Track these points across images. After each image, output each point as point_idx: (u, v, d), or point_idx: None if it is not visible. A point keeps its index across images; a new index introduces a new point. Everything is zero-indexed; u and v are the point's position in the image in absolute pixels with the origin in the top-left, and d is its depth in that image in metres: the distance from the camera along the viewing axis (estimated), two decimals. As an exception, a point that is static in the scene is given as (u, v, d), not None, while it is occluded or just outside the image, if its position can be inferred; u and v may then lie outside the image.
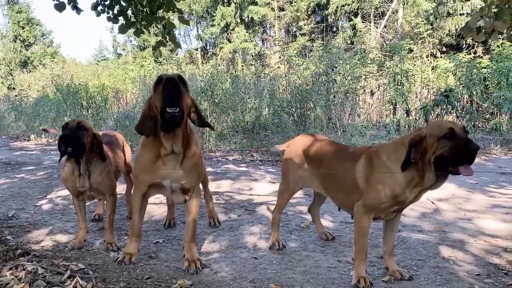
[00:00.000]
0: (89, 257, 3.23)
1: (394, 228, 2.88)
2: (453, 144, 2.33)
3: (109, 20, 5.09)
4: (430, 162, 2.40)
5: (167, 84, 2.66)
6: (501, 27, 4.09)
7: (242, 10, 26.15)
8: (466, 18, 19.79)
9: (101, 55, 39.51)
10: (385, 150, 2.64)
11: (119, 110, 14.04)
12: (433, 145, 2.38)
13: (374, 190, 2.59)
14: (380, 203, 2.59)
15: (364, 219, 2.68)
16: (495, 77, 11.60)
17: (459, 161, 2.33)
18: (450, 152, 2.33)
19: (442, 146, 2.35)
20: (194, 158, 3.00)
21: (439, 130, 2.38)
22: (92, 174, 3.33)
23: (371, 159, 2.66)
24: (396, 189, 2.52)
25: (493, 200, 4.85)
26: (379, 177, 2.57)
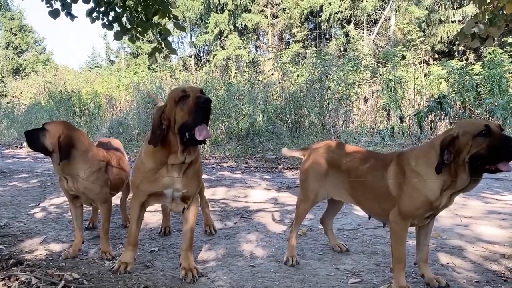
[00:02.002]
0: (84, 266, 3.17)
1: (428, 234, 2.82)
2: (491, 141, 2.25)
3: (104, 27, 5.06)
4: (465, 163, 2.32)
5: (203, 104, 2.59)
6: (495, 33, 4.13)
7: (235, 18, 26.24)
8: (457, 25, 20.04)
9: (94, 62, 39.37)
10: (415, 155, 2.58)
11: (113, 117, 13.99)
12: (468, 144, 2.29)
13: (408, 197, 2.53)
14: (415, 210, 2.53)
15: (400, 227, 2.61)
16: (487, 83, 11.71)
17: (498, 158, 2.24)
18: (488, 149, 2.24)
19: (479, 144, 2.27)
20: (196, 166, 2.96)
21: (474, 128, 2.30)
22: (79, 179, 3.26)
23: (402, 165, 2.60)
24: (430, 195, 2.46)
25: (489, 206, 4.85)
26: (412, 184, 2.51)
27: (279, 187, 6.25)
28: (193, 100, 2.61)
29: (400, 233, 2.62)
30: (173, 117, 2.68)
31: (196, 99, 2.60)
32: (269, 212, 4.81)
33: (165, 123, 2.72)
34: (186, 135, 2.65)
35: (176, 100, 2.65)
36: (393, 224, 2.64)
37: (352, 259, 3.29)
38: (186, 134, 2.64)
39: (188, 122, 2.61)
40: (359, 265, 3.16)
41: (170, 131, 2.73)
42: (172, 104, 2.68)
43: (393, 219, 2.63)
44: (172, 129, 2.71)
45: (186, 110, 2.62)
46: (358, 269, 3.08)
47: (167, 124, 2.72)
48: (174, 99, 2.66)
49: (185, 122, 2.63)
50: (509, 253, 3.33)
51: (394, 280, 2.65)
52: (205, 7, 26.57)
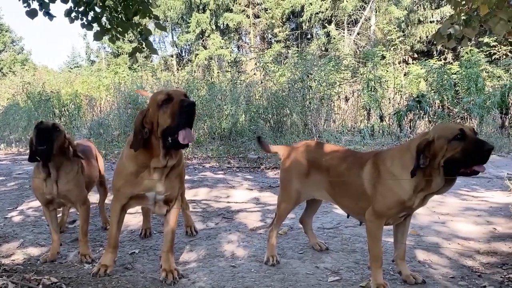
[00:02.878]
0: (62, 270, 3.14)
1: (405, 233, 2.87)
2: (466, 145, 2.30)
3: (83, 27, 5.01)
4: (439, 166, 2.37)
5: (187, 107, 2.57)
6: (471, 33, 4.22)
7: (217, 17, 26.20)
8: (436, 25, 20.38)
9: (74, 62, 38.81)
10: (390, 155, 2.62)
11: (93, 118, 13.82)
12: (443, 148, 2.34)
13: (381, 196, 2.58)
14: (388, 209, 2.58)
15: (375, 226, 2.66)
16: (464, 82, 11.96)
17: (473, 161, 2.30)
18: (462, 153, 2.30)
19: (454, 148, 2.32)
20: (178, 168, 2.94)
21: (448, 132, 2.35)
22: (60, 180, 3.23)
23: (377, 165, 2.64)
24: (402, 195, 2.51)
25: (465, 203, 4.96)
26: (386, 184, 2.55)
27: (261, 187, 6.27)
28: (177, 103, 2.58)
29: (375, 232, 2.68)
30: (156, 120, 2.66)
31: (180, 102, 2.58)
32: (251, 212, 4.83)
33: (148, 126, 2.70)
34: (169, 139, 2.63)
35: (159, 104, 2.63)
36: (368, 223, 2.69)
37: (331, 258, 3.33)
38: (169, 138, 2.63)
39: (171, 125, 2.59)
40: (338, 263, 3.20)
41: (152, 134, 2.71)
42: (155, 107, 2.66)
43: (368, 218, 2.68)
44: (155, 133, 2.69)
45: (170, 114, 2.59)
46: (338, 267, 3.13)
47: (149, 128, 2.70)
48: (157, 103, 2.64)
49: (168, 126, 2.61)
50: (484, 249, 3.42)
51: (372, 278, 2.70)
52: (187, 7, 26.46)
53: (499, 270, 2.98)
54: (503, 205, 4.76)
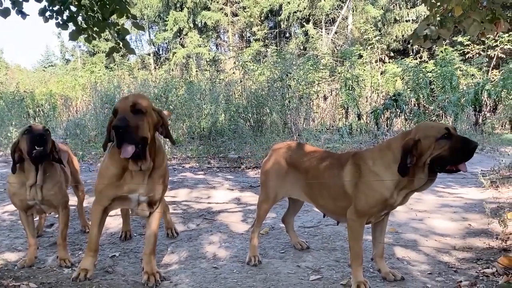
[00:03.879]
0: (41, 275, 3.08)
1: (383, 231, 2.93)
2: (453, 143, 2.38)
3: (58, 26, 4.90)
4: (425, 164, 2.43)
5: (115, 128, 2.58)
6: (446, 34, 4.32)
7: (195, 15, 26.02)
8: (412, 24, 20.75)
9: (48, 61, 37.90)
10: (371, 155, 2.67)
11: (69, 119, 13.56)
12: (431, 146, 2.40)
13: (363, 195, 2.61)
14: (370, 208, 2.62)
15: (357, 225, 2.70)
16: (439, 81, 12.23)
17: (459, 159, 2.39)
18: (450, 151, 2.37)
19: (441, 147, 2.38)
20: (161, 170, 2.94)
21: (436, 131, 2.42)
22: (45, 185, 3.17)
23: (358, 164, 2.68)
24: (385, 193, 2.56)
25: (441, 200, 5.09)
26: (368, 183, 2.59)
27: (242, 187, 6.28)
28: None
29: (357, 230, 2.72)
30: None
31: (115, 121, 2.62)
32: (232, 212, 4.83)
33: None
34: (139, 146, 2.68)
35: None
36: (350, 221, 2.73)
37: (312, 256, 3.37)
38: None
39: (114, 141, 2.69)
40: (319, 262, 3.24)
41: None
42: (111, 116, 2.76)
43: (350, 217, 2.71)
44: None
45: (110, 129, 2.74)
46: (319, 266, 3.16)
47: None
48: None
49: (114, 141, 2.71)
50: (459, 244, 3.51)
51: (353, 276, 2.74)
52: (164, 5, 26.18)
53: (474, 265, 3.06)
54: (478, 201, 4.89)
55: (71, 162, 4.04)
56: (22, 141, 3.05)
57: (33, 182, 3.10)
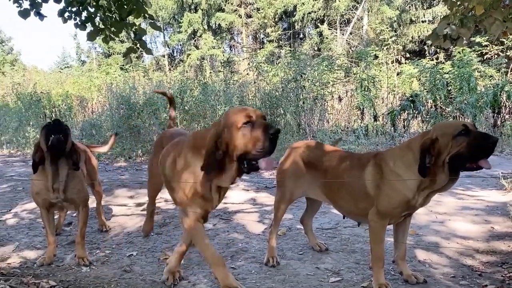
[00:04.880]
0: (60, 273, 3.09)
1: (405, 232, 2.88)
2: (471, 140, 2.32)
3: (77, 27, 4.95)
4: (444, 163, 2.39)
5: (274, 137, 2.29)
6: (466, 34, 4.24)
7: (209, 17, 26.09)
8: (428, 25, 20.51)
9: (64, 62, 38.34)
10: (392, 155, 2.63)
11: (85, 119, 13.68)
12: (448, 144, 2.36)
13: (386, 197, 2.57)
14: (393, 209, 2.58)
15: (379, 226, 2.65)
16: (457, 82, 12.01)
17: (478, 156, 2.33)
18: (468, 148, 2.32)
19: (459, 144, 2.34)
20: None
21: (452, 129, 2.37)
22: (68, 184, 3.19)
23: (379, 165, 2.65)
24: (407, 194, 2.51)
25: (461, 203, 4.98)
26: (390, 184, 2.55)
27: (257, 188, 6.25)
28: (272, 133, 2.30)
29: (378, 232, 2.67)
30: (231, 143, 2.43)
31: (272, 131, 2.30)
32: (248, 213, 4.80)
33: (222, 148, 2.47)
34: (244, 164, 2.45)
35: (236, 125, 2.36)
36: (372, 223, 2.67)
37: (331, 258, 3.32)
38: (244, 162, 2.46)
39: (259, 148, 2.35)
40: (339, 264, 3.19)
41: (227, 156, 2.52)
42: (231, 128, 2.41)
43: (372, 218, 2.66)
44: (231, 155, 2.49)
45: (254, 137, 2.35)
46: (338, 268, 3.11)
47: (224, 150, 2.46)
48: (233, 123, 2.37)
49: (249, 149, 2.38)
50: (483, 248, 3.43)
51: (374, 278, 2.69)
52: (178, 6, 26.32)
53: (500, 269, 2.98)
54: (500, 204, 4.79)
55: (89, 160, 4.06)
56: (40, 137, 3.08)
57: (53, 183, 3.12)
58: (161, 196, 5.67)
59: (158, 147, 3.34)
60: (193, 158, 2.56)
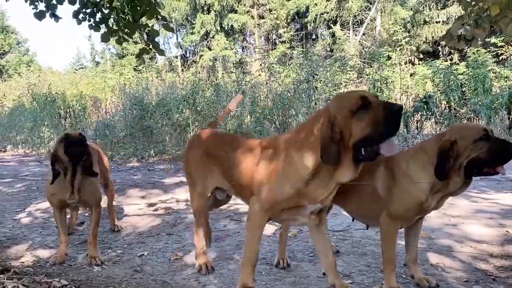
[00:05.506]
0: (72, 272, 3.12)
1: (417, 235, 2.84)
2: (492, 145, 2.32)
3: (91, 28, 5.01)
4: (461, 166, 2.37)
5: (396, 116, 2.13)
6: (481, 34, 4.18)
7: (222, 18, 26.18)
8: (442, 25, 20.28)
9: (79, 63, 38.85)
10: (404, 158, 2.59)
11: (99, 119, 13.84)
12: (468, 148, 2.34)
13: (399, 199, 2.54)
14: (405, 212, 2.55)
15: (391, 229, 2.61)
16: (471, 83, 11.88)
17: (497, 161, 2.34)
18: (488, 153, 2.32)
19: (479, 148, 2.32)
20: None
21: (474, 133, 2.35)
22: (83, 186, 3.25)
23: (391, 168, 2.60)
24: (421, 197, 2.48)
25: (475, 205, 4.91)
26: (403, 186, 2.52)
27: (268, 189, 6.23)
28: (395, 114, 2.15)
29: (390, 235, 2.63)
30: (347, 131, 2.24)
31: (396, 110, 2.15)
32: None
33: (335, 139, 2.27)
34: (362, 151, 2.28)
35: (355, 108, 2.19)
36: (383, 225, 2.64)
37: (342, 261, 3.29)
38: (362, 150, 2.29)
39: (376, 136, 2.18)
40: (349, 266, 3.17)
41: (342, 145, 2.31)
42: (350, 113, 2.22)
43: (384, 221, 2.63)
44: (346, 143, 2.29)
45: (373, 122, 2.18)
46: (349, 271, 3.09)
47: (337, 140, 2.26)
48: (352, 106, 2.19)
49: (366, 137, 2.21)
50: (497, 252, 3.37)
51: (385, 281, 2.66)
52: (191, 8, 26.48)
53: (514, 273, 2.93)
54: (515, 207, 4.70)
55: (101, 161, 4.10)
56: (59, 147, 3.13)
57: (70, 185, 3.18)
58: (172, 197, 5.73)
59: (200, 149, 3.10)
60: (297, 155, 2.36)
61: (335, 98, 2.38)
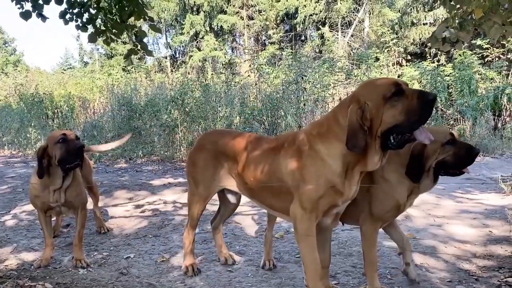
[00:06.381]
0: (57, 275, 3.10)
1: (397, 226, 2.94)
2: (457, 149, 2.47)
3: (78, 29, 4.99)
4: (430, 168, 2.51)
5: (430, 105, 2.09)
6: (465, 37, 4.24)
7: (211, 19, 26.11)
8: (429, 27, 20.47)
9: (67, 63, 38.45)
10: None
11: (87, 120, 13.71)
12: (437, 151, 2.46)
13: (379, 202, 2.59)
14: (385, 213, 2.61)
15: (371, 231, 2.65)
16: (458, 84, 12.01)
17: (461, 165, 2.50)
18: (454, 157, 2.47)
19: (446, 152, 2.47)
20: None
21: (442, 137, 2.48)
22: (68, 188, 3.22)
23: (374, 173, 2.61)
24: (400, 199, 2.57)
25: (460, 206, 4.98)
26: (383, 189, 2.57)
27: (256, 190, 6.24)
28: (429, 100, 2.11)
29: (371, 236, 2.67)
30: (378, 118, 2.18)
31: (430, 97, 2.12)
32: (247, 215, 4.80)
33: (366, 124, 2.22)
34: (391, 139, 2.22)
35: (388, 95, 2.13)
36: (364, 227, 2.68)
37: (328, 261, 3.31)
38: (391, 138, 2.22)
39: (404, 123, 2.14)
40: (335, 267, 3.19)
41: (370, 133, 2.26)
42: (383, 100, 2.15)
43: (364, 223, 2.67)
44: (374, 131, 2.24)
45: (410, 108, 2.12)
46: (335, 271, 3.11)
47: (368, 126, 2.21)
48: (386, 93, 2.14)
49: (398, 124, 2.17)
50: (480, 252, 3.42)
51: (369, 283, 2.69)
52: (180, 8, 26.35)
53: (496, 273, 2.98)
54: (498, 207, 4.77)
55: (86, 163, 4.07)
56: (55, 149, 3.09)
57: (58, 186, 3.16)
58: (160, 198, 5.71)
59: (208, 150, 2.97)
60: (323, 147, 2.29)
61: (365, 84, 2.32)
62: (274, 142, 2.66)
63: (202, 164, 2.98)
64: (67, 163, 3.09)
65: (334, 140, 2.26)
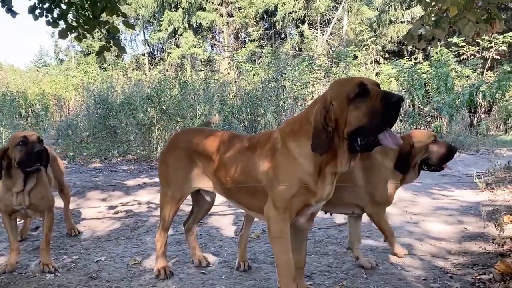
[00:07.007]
0: (22, 281, 2.97)
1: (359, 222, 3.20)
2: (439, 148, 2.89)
3: (49, 24, 4.83)
4: (416, 164, 2.91)
5: (395, 108, 1.98)
6: (441, 34, 4.27)
7: (190, 16, 25.91)
8: (407, 25, 20.73)
9: (42, 60, 37.57)
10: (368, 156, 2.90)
11: (61, 119, 13.41)
12: (422, 150, 2.88)
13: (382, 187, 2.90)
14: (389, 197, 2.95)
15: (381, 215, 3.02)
16: (434, 82, 12.19)
17: (443, 161, 2.90)
18: (436, 155, 2.89)
19: (430, 151, 2.90)
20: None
21: (427, 138, 2.90)
22: (32, 190, 3.09)
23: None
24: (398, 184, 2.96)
25: (436, 203, 5.01)
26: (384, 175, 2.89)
27: (234, 189, 6.17)
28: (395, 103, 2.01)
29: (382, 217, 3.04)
30: (342, 119, 2.12)
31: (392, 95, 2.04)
32: (223, 215, 4.72)
33: (331, 125, 2.15)
34: (358, 141, 2.14)
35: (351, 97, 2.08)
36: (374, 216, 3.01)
37: (304, 261, 3.26)
38: (358, 139, 2.14)
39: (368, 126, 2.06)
40: (311, 267, 3.14)
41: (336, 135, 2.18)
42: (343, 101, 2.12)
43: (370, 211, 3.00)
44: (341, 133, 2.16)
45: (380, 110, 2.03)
46: (311, 271, 3.06)
47: (333, 127, 2.13)
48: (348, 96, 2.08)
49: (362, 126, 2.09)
50: (455, 249, 3.43)
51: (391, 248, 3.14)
52: (159, 5, 26.05)
53: (470, 270, 2.98)
54: (473, 204, 4.82)
55: (57, 164, 3.94)
56: (15, 151, 2.99)
57: (20, 189, 3.04)
58: (134, 199, 5.58)
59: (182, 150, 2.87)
60: (294, 145, 2.23)
61: (333, 83, 2.22)
62: (249, 140, 2.59)
63: (175, 164, 2.88)
64: (26, 166, 2.97)
65: (305, 139, 2.18)
